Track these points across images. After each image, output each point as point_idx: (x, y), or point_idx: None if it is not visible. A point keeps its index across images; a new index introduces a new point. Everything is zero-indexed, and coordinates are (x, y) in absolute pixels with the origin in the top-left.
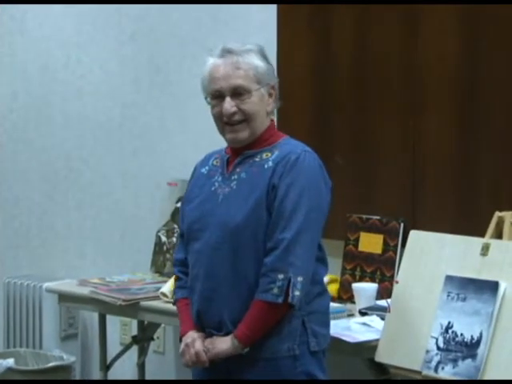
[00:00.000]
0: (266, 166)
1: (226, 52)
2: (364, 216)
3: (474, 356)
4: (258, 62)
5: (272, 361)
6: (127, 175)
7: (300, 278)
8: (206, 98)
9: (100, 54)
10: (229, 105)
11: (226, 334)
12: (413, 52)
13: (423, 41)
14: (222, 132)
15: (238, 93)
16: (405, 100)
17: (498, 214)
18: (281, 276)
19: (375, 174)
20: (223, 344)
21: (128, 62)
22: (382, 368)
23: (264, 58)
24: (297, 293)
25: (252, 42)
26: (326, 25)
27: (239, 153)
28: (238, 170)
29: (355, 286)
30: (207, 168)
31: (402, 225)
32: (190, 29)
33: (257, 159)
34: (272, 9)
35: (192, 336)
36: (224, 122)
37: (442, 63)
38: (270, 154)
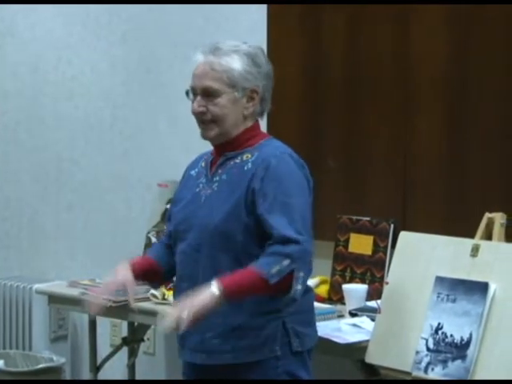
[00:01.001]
0: (245, 168)
1: (210, 51)
2: (354, 217)
3: (463, 357)
4: (236, 64)
5: (254, 364)
6: (118, 176)
7: (301, 274)
8: (186, 93)
9: (91, 55)
10: (196, 104)
11: (201, 340)
12: (404, 52)
13: (414, 41)
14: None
15: (208, 94)
16: (396, 101)
17: (487, 215)
18: (286, 262)
19: (365, 175)
20: (201, 295)
21: (119, 63)
22: (372, 369)
23: (251, 60)
24: (299, 287)
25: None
26: (317, 25)
27: (221, 154)
28: (219, 171)
29: (345, 287)
30: (196, 170)
31: (392, 226)
32: (181, 30)
33: (237, 160)
34: (263, 9)
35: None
36: (197, 120)
37: (432, 63)
38: (250, 156)
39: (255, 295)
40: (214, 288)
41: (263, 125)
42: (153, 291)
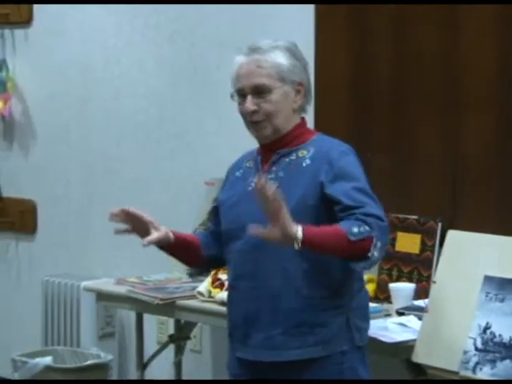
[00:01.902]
0: (304, 165)
1: (252, 50)
2: (401, 216)
3: None
4: (281, 59)
5: (321, 360)
6: (165, 175)
7: (379, 244)
8: (232, 97)
9: (138, 54)
10: (249, 103)
11: (268, 337)
12: (452, 52)
13: (463, 41)
14: (248, 129)
15: (258, 91)
16: (444, 99)
17: None
18: (367, 228)
19: (413, 174)
20: (293, 225)
21: (166, 63)
22: (419, 368)
23: (292, 54)
24: (376, 253)
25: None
26: (364, 25)
27: (273, 152)
28: (274, 168)
29: (392, 285)
30: (241, 171)
31: (439, 224)
32: (228, 29)
33: (293, 157)
34: (310, 9)
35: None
36: (248, 121)
37: (481, 63)
38: (305, 152)
39: (334, 250)
40: (298, 231)
41: (310, 124)
42: (199, 289)
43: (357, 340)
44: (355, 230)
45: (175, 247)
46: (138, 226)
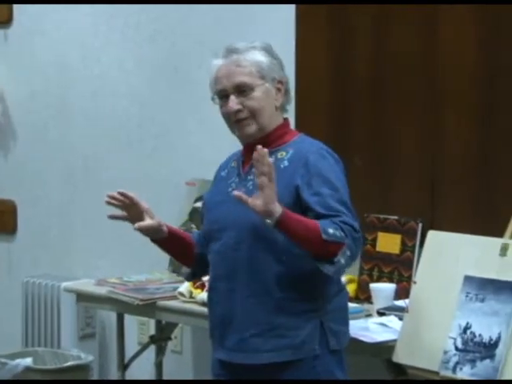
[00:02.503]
0: (282, 166)
1: (229, 51)
2: (382, 216)
3: (492, 356)
4: (260, 57)
5: (293, 363)
6: (146, 175)
7: (348, 253)
8: (213, 99)
9: (118, 54)
10: (233, 103)
11: (241, 340)
12: (431, 52)
13: (442, 40)
14: (232, 130)
15: (241, 90)
16: (423, 100)
17: None
18: (341, 233)
19: (393, 174)
20: (276, 203)
21: (146, 62)
22: (399, 368)
23: (269, 53)
24: (342, 261)
25: (270, 41)
26: (344, 25)
27: (253, 153)
28: (253, 170)
29: (373, 286)
30: (226, 171)
31: (420, 225)
32: (209, 29)
33: (272, 159)
34: (291, 9)
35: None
36: (232, 121)
37: (460, 63)
38: (284, 154)
39: (305, 242)
40: (279, 210)
41: (291, 123)
42: (180, 289)
43: (332, 344)
44: (331, 230)
45: (168, 241)
46: (132, 212)
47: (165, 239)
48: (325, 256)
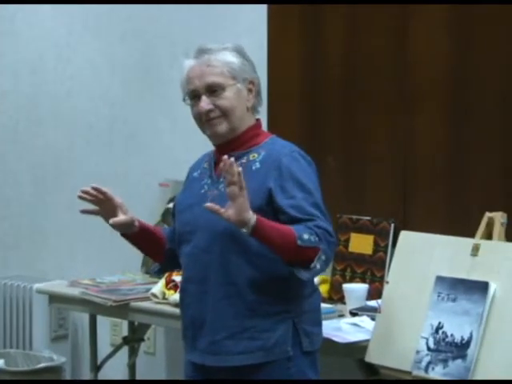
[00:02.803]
0: (253, 168)
1: (200, 52)
2: (354, 217)
3: (464, 356)
4: (231, 58)
5: (266, 365)
6: (118, 176)
7: (323, 257)
8: (184, 100)
9: (90, 54)
10: (204, 103)
11: (213, 342)
12: (403, 52)
13: (413, 40)
14: (203, 130)
15: (212, 90)
16: (395, 100)
17: (487, 214)
18: (316, 238)
19: (365, 175)
20: (249, 211)
21: (118, 63)
22: (372, 368)
23: (240, 54)
24: (318, 266)
25: (242, 42)
26: (316, 25)
27: (226, 154)
28: None
29: (346, 286)
30: (199, 171)
31: (392, 225)
32: (181, 29)
33: (244, 160)
34: (262, 9)
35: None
36: (204, 120)
37: (431, 63)
38: (256, 155)
39: (280, 249)
40: (253, 218)
41: (263, 125)
42: (153, 291)
43: (305, 345)
44: (306, 236)
45: (139, 236)
46: (105, 208)
47: (135, 234)
48: (300, 261)
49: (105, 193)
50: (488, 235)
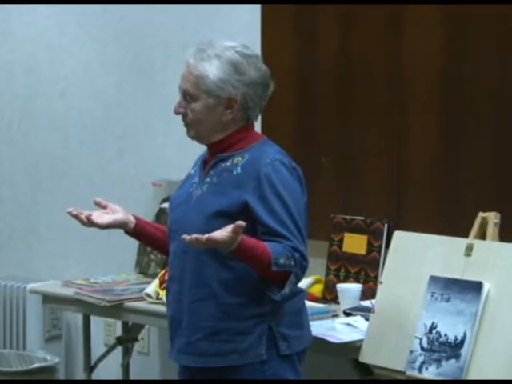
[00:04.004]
0: (234, 172)
1: (197, 51)
2: (348, 217)
3: (457, 356)
4: (212, 72)
5: (241, 367)
6: (112, 176)
7: (294, 280)
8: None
9: (84, 54)
10: (177, 105)
11: (188, 342)
12: (397, 52)
13: (407, 41)
14: None
15: (186, 96)
16: (389, 101)
17: (481, 214)
18: (291, 263)
19: (359, 175)
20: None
21: (112, 63)
22: (366, 368)
23: (233, 68)
24: (287, 289)
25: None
26: (310, 25)
27: (214, 155)
28: (211, 172)
29: (339, 286)
30: (196, 168)
31: (386, 225)
32: (175, 29)
33: (228, 163)
34: (256, 9)
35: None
36: None
37: (425, 63)
38: (240, 159)
39: (255, 268)
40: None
41: (257, 125)
42: (147, 291)
43: (282, 349)
44: (282, 261)
45: (138, 232)
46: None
47: (135, 229)
48: (273, 283)
49: (104, 206)
50: (482, 235)
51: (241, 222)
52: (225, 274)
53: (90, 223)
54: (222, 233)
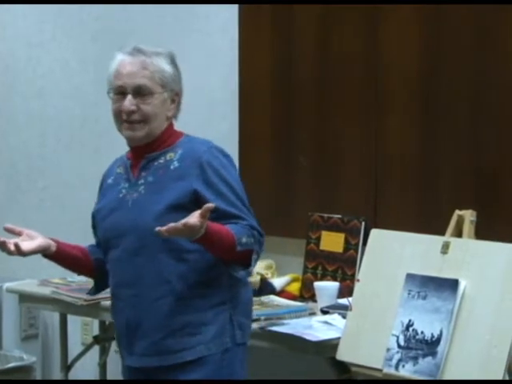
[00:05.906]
0: (172, 167)
1: (136, 51)
2: (325, 215)
3: (434, 353)
4: (165, 66)
5: (204, 358)
6: (88, 174)
7: (255, 257)
8: (108, 93)
9: (61, 53)
10: (129, 102)
11: (152, 343)
12: (374, 52)
13: (384, 41)
14: (120, 129)
15: (140, 92)
16: (367, 100)
17: (457, 212)
18: (252, 240)
19: (337, 174)
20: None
21: (89, 62)
22: (343, 366)
23: (173, 63)
24: (252, 266)
25: (214, 42)
26: (287, 25)
27: (142, 157)
28: (143, 174)
29: (317, 284)
30: (113, 178)
31: (363, 223)
32: (152, 29)
33: (161, 161)
34: (234, 8)
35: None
36: (123, 119)
37: (403, 63)
38: (173, 155)
39: (221, 253)
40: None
41: (234, 124)
42: None
43: (238, 337)
44: (244, 240)
45: (60, 254)
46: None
47: (56, 253)
48: (239, 263)
49: (19, 232)
50: (458, 233)
51: (210, 204)
52: (181, 267)
53: (17, 251)
54: (193, 218)
